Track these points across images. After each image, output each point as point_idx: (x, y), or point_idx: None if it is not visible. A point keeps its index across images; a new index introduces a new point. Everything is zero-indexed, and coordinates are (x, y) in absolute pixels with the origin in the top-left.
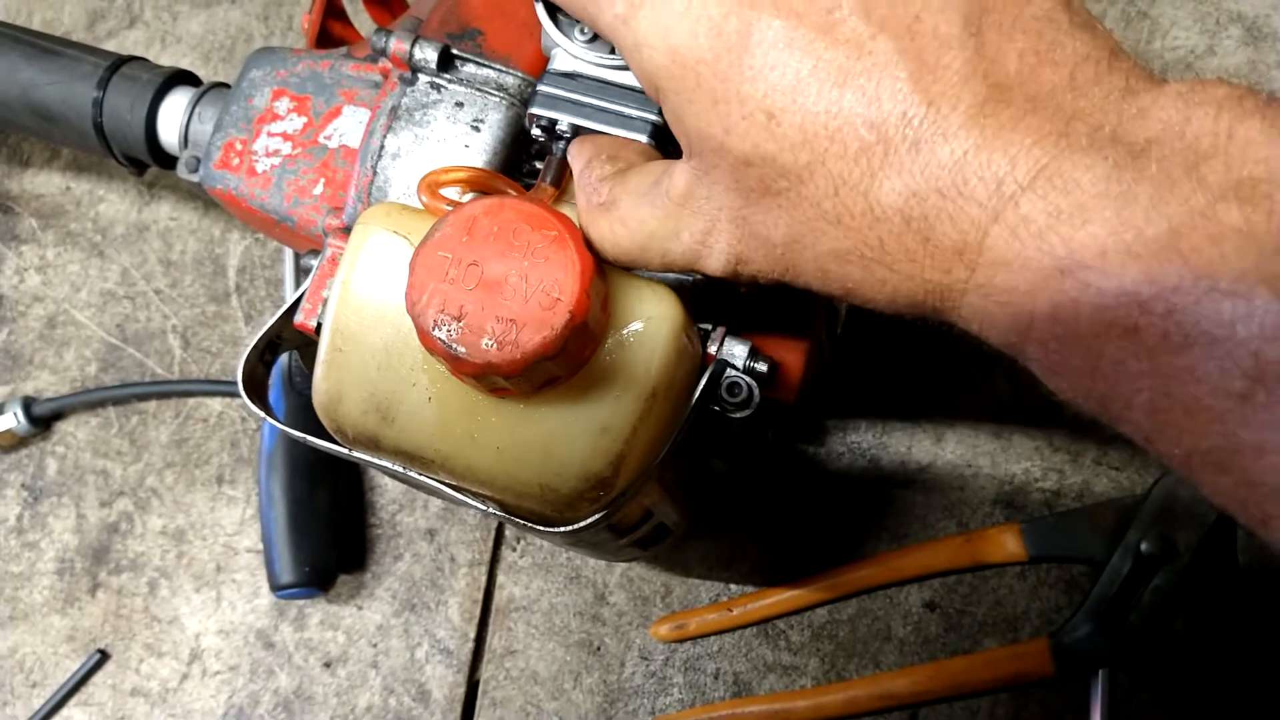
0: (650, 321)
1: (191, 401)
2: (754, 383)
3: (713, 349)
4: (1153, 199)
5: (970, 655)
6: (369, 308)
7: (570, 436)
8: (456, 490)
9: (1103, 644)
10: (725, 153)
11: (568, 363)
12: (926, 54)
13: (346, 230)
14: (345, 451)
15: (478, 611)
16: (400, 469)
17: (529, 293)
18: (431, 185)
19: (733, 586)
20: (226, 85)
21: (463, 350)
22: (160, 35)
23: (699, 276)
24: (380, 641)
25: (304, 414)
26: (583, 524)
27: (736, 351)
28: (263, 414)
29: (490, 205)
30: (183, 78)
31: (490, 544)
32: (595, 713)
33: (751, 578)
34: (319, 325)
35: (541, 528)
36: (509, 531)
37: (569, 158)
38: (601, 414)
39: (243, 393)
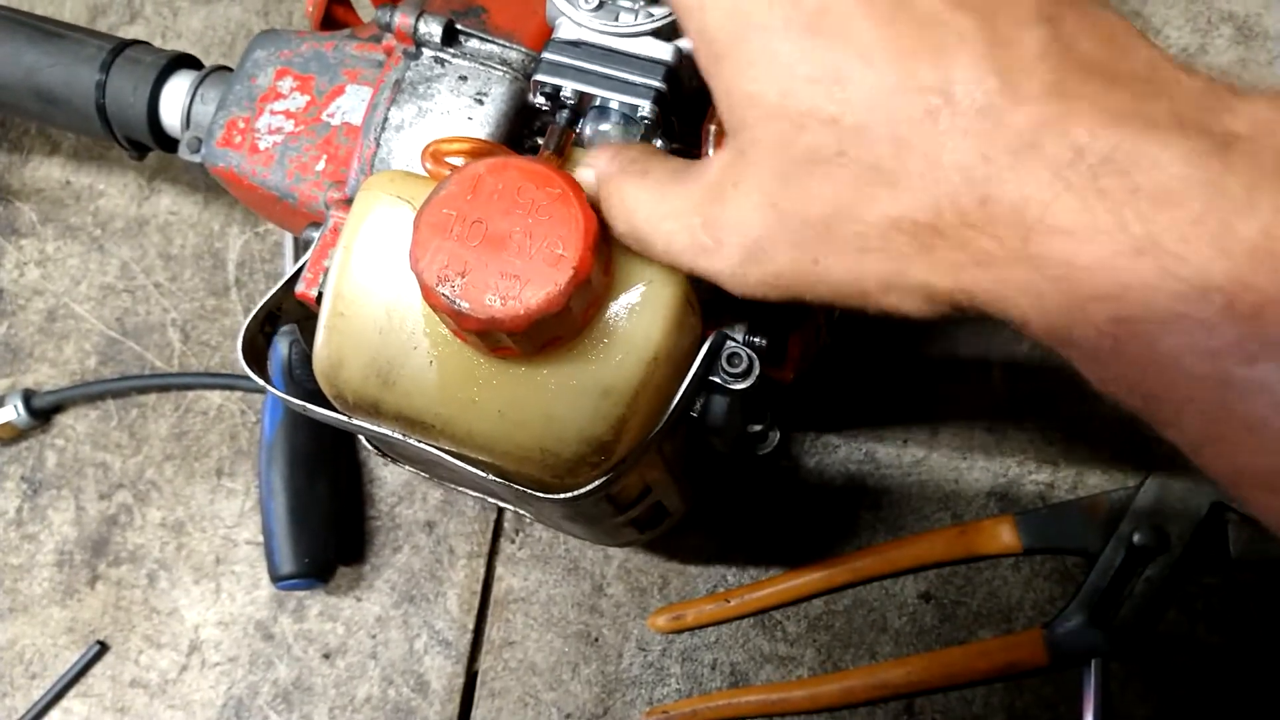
0: (653, 285)
1: (191, 395)
2: (754, 354)
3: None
4: (1246, 194)
5: (965, 646)
6: (371, 271)
7: (572, 399)
8: (455, 457)
9: (1095, 634)
10: (779, 117)
11: (571, 322)
12: (1001, 30)
13: (349, 202)
14: (345, 419)
15: (476, 603)
16: (400, 436)
17: (533, 249)
18: (436, 153)
19: (729, 578)
20: (229, 68)
21: (466, 306)
22: (161, 30)
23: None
24: (379, 633)
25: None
26: (584, 490)
27: (737, 324)
28: (261, 381)
29: (495, 164)
30: (185, 61)
31: (489, 536)
32: (593, 703)
33: (748, 569)
34: (320, 295)
35: (541, 494)
36: (508, 523)
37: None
38: (604, 377)
39: (242, 361)
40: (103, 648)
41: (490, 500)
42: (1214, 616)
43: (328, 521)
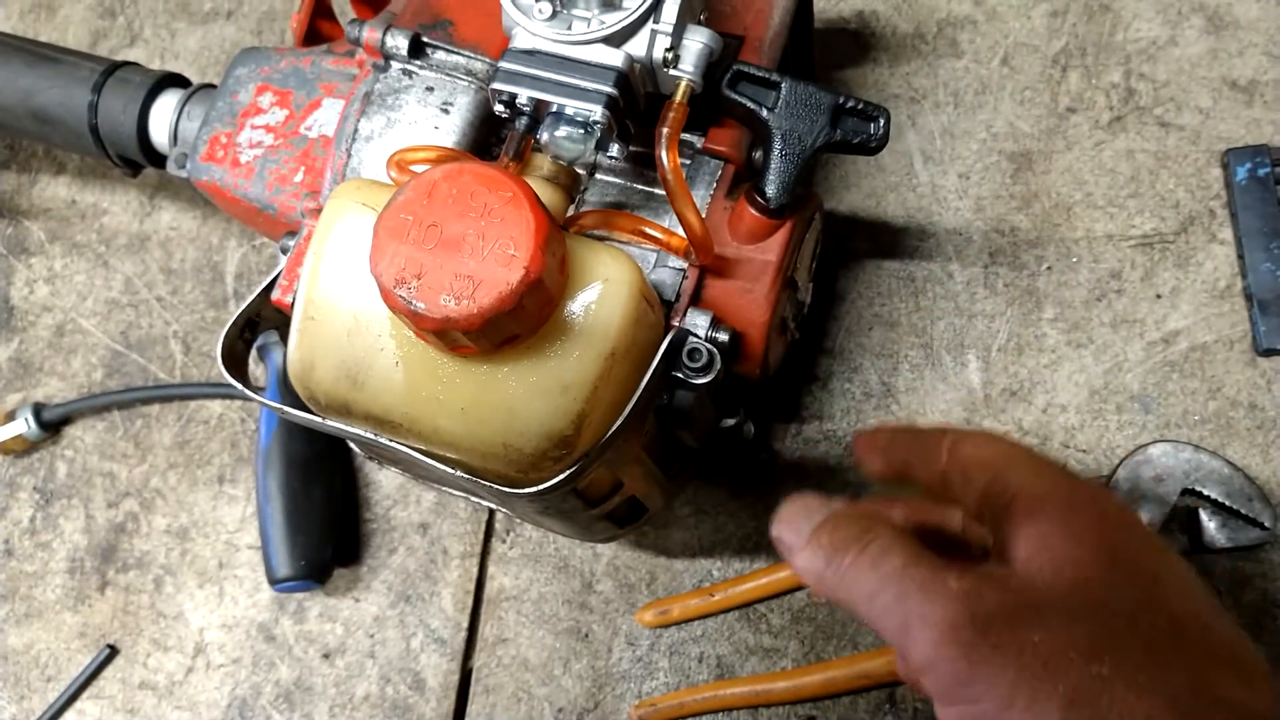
0: (609, 284)
1: (193, 404)
2: (714, 350)
3: (676, 320)
4: None
5: None
6: (340, 277)
7: (532, 395)
8: (425, 455)
9: None
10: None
11: (526, 320)
12: None
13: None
14: (320, 420)
15: (470, 601)
16: (371, 435)
17: (486, 251)
18: (400, 162)
19: (715, 572)
20: (214, 86)
21: (422, 307)
22: (160, 51)
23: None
24: (377, 632)
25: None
26: (548, 485)
27: (699, 321)
28: (240, 386)
29: (450, 170)
30: (173, 80)
31: (481, 536)
32: (584, 697)
33: (733, 563)
34: (295, 300)
35: (508, 489)
36: (499, 524)
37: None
38: (562, 373)
39: (221, 367)
40: (113, 651)
41: (474, 500)
42: None
43: (323, 525)
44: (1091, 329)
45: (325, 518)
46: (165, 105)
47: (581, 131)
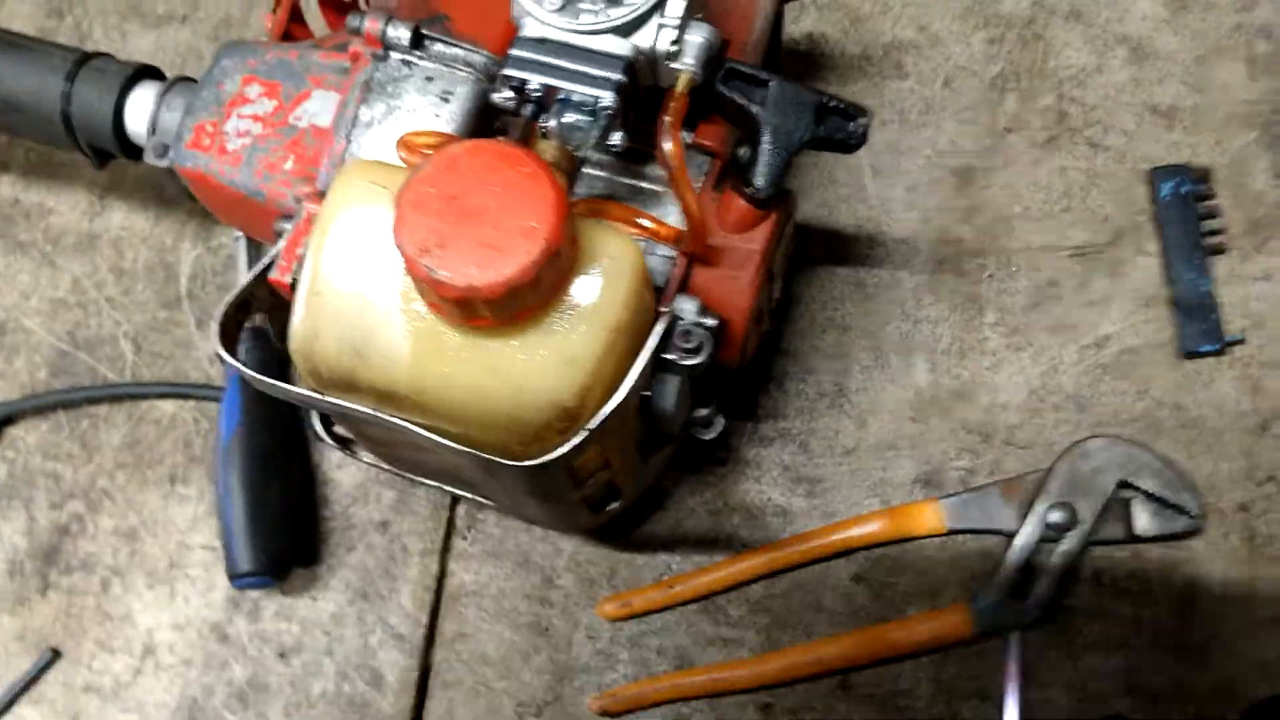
0: (613, 262)
1: (144, 404)
2: (706, 333)
3: (664, 306)
4: None
5: (894, 623)
6: (348, 252)
7: (540, 367)
8: (424, 429)
9: (1014, 608)
10: None
11: (542, 292)
12: None
13: (322, 194)
14: (319, 397)
15: (430, 598)
16: (372, 411)
17: (507, 223)
18: (410, 144)
19: (674, 566)
20: (193, 79)
21: (446, 275)
22: (110, 53)
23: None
24: (334, 630)
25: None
26: (551, 457)
27: (687, 307)
28: (236, 364)
29: (471, 145)
30: (148, 72)
31: (442, 533)
32: (544, 690)
33: (692, 557)
34: (294, 281)
35: (509, 463)
36: (460, 520)
37: None
38: (568, 346)
39: (216, 341)
40: (55, 654)
41: (447, 488)
42: (1121, 589)
43: (284, 520)
44: (1030, 333)
45: (285, 512)
46: (143, 96)
47: (589, 118)
